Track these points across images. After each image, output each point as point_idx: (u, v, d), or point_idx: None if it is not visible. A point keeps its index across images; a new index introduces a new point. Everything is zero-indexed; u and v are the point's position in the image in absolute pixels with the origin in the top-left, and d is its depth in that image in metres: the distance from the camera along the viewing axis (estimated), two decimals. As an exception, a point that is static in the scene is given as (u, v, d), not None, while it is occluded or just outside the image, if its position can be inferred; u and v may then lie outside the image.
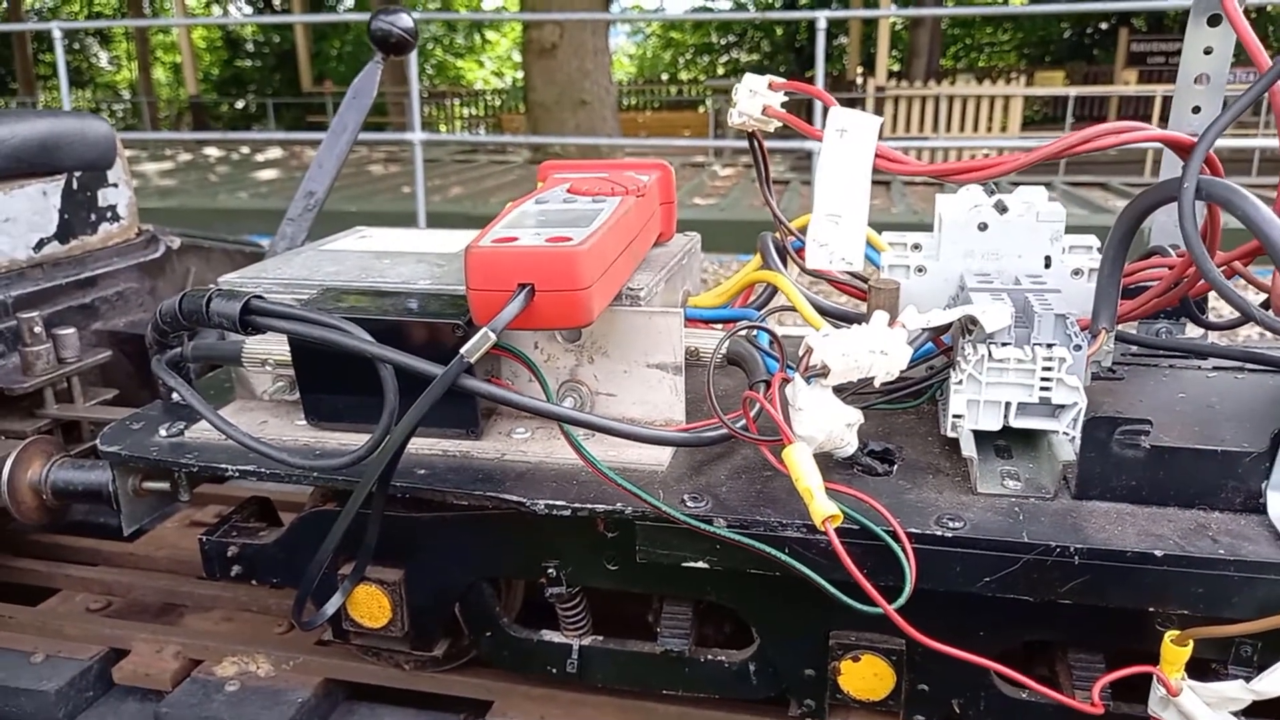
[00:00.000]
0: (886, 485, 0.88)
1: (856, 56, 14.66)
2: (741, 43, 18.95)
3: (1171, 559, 0.75)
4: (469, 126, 16.82)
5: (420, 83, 15.75)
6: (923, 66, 14.36)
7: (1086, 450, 0.82)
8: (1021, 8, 8.91)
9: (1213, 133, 0.81)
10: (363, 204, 7.71)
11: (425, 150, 10.90)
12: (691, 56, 19.93)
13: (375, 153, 11.68)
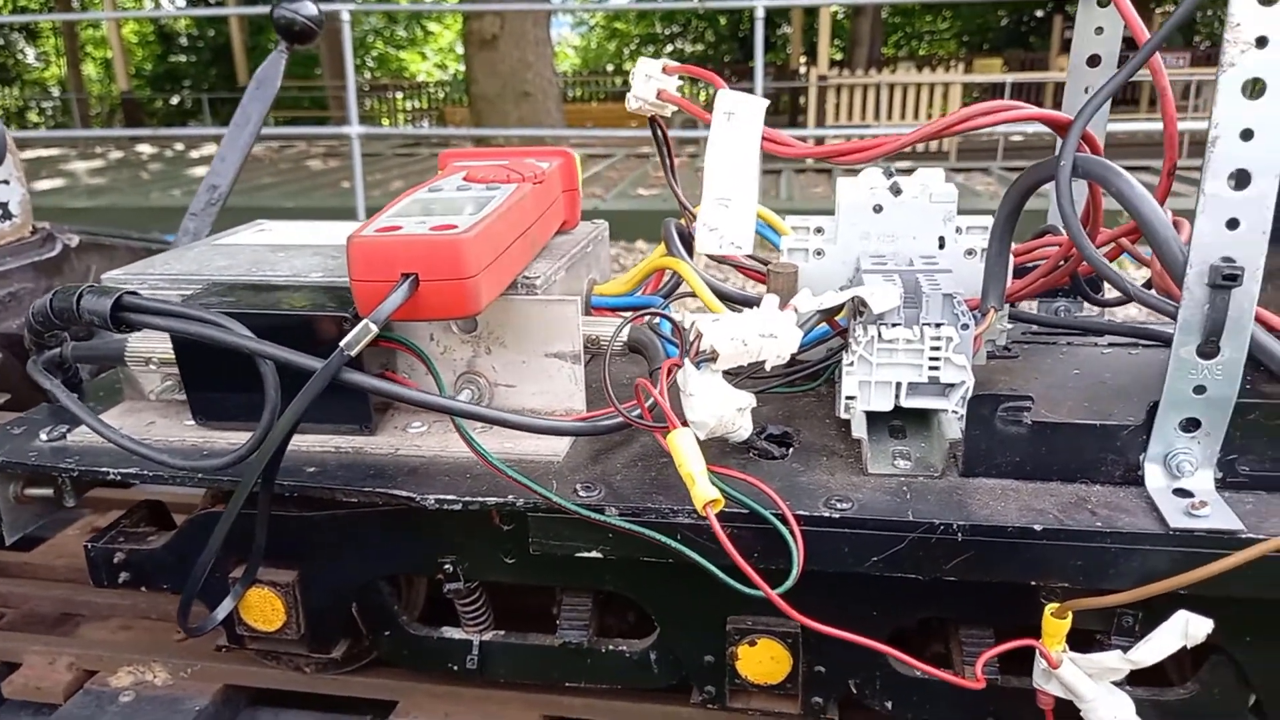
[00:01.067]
0: (781, 468, 0.88)
1: (799, 45, 14.75)
2: (686, 33, 18.96)
3: (1051, 533, 0.76)
4: (412, 119, 16.59)
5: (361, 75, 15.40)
6: (864, 55, 14.51)
7: (971, 428, 0.83)
8: None
9: (1088, 111, 0.82)
10: (301, 200, 7.56)
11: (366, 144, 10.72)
12: (636, 47, 19.88)
13: (314, 147, 11.45)
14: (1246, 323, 0.74)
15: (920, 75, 12.17)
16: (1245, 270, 0.72)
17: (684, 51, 19.82)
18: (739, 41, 17.40)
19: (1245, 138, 0.71)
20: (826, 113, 11.55)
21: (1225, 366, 0.75)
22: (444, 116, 14.71)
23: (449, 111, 14.50)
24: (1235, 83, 0.70)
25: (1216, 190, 0.72)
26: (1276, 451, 0.79)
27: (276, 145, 11.72)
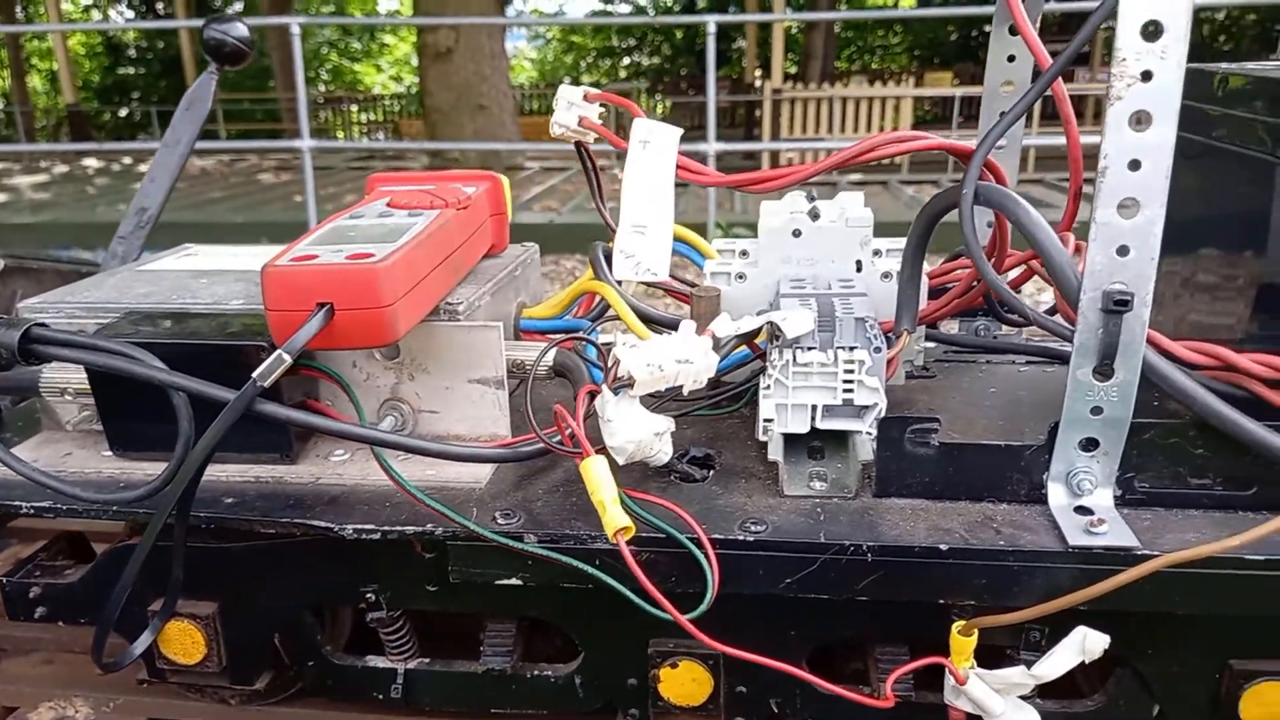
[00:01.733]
0: (700, 491, 0.89)
1: (753, 59, 14.90)
2: (642, 46, 19.07)
3: (956, 552, 0.78)
4: (367, 132, 16.47)
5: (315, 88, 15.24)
6: (818, 69, 14.70)
7: (882, 449, 0.85)
8: (910, 10, 9.23)
9: (989, 141, 0.84)
10: (251, 214, 7.47)
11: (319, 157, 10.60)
12: (593, 60, 19.95)
13: (266, 160, 11.31)
14: (1139, 346, 0.76)
15: (872, 89, 12.37)
16: (1136, 295, 0.75)
17: (641, 64, 19.93)
18: (695, 55, 17.55)
19: (1133, 168, 0.74)
20: (781, 126, 11.68)
21: (1120, 388, 0.78)
22: (399, 129, 14.62)
23: (404, 124, 14.42)
24: (1123, 115, 0.73)
25: (1107, 218, 0.75)
26: (1171, 469, 0.81)
27: (227, 159, 11.56)
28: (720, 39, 6.93)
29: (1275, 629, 0.81)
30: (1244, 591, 0.75)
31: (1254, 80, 0.93)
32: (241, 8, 20.11)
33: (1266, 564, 0.75)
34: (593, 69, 19.98)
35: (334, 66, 20.85)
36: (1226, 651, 0.83)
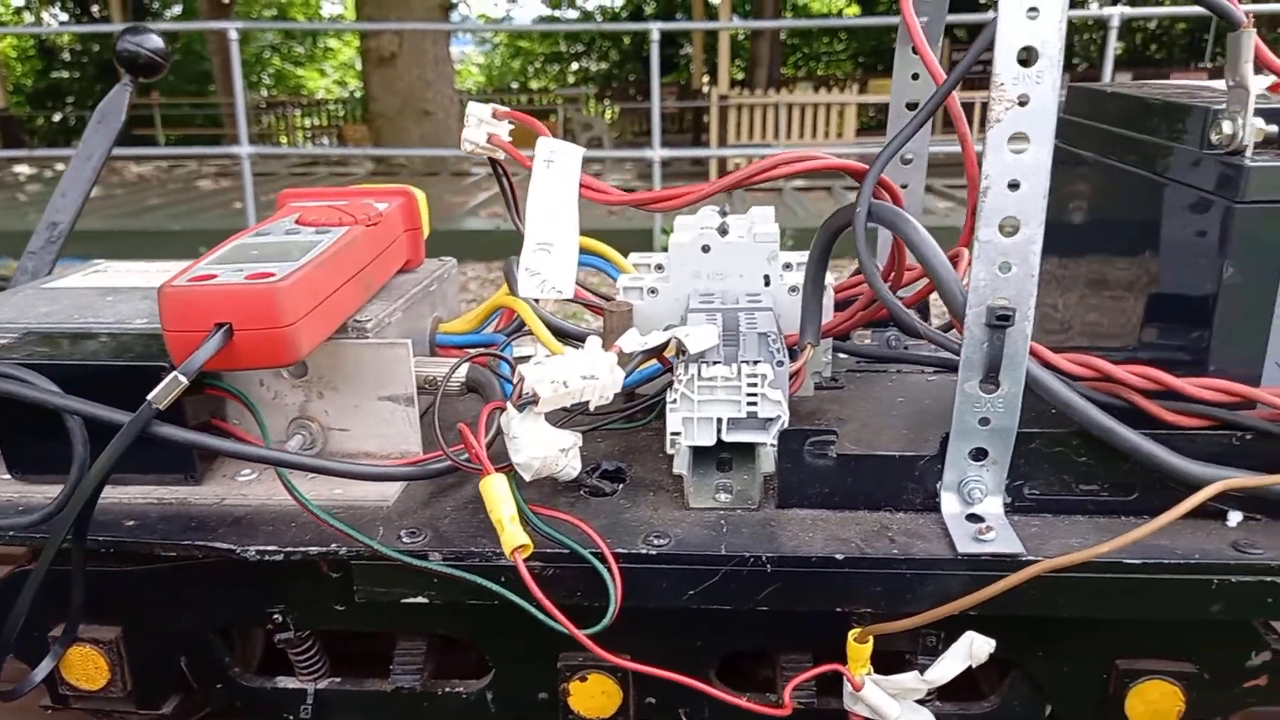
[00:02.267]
0: (609, 505, 0.90)
1: (700, 65, 15.01)
2: (590, 51, 19.11)
3: (852, 561, 0.80)
4: (312, 137, 16.24)
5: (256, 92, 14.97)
6: (765, 75, 14.86)
7: (783, 462, 0.86)
8: (854, 19, 9.37)
9: (881, 160, 0.87)
10: (188, 222, 7.33)
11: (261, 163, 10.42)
12: (542, 65, 19.91)
13: (206, 167, 11.09)
14: (1022, 359, 0.79)
15: (817, 95, 12.53)
16: (1018, 311, 0.78)
17: (589, 70, 19.94)
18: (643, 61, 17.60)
19: (1013, 188, 0.76)
20: (729, 131, 11.78)
21: (1005, 400, 0.80)
22: (343, 134, 14.44)
23: (348, 129, 14.25)
24: (1002, 138, 0.76)
25: (989, 237, 0.77)
26: (1057, 477, 0.84)
27: (166, 165, 11.31)
28: (667, 45, 6.99)
29: (1156, 629, 0.85)
30: (1123, 594, 0.78)
31: (1135, 101, 0.97)
32: (180, 10, 19.69)
33: (1143, 567, 0.78)
34: (540, 74, 19.95)
35: (277, 71, 20.51)
36: (1112, 652, 0.86)
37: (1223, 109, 0.80)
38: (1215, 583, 0.77)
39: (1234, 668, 0.84)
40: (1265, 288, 0.79)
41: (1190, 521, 0.83)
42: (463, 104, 5.41)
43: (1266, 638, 0.84)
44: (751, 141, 11.53)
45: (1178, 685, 0.84)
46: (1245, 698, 0.85)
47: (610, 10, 18.40)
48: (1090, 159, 1.05)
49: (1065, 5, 0.74)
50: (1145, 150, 0.93)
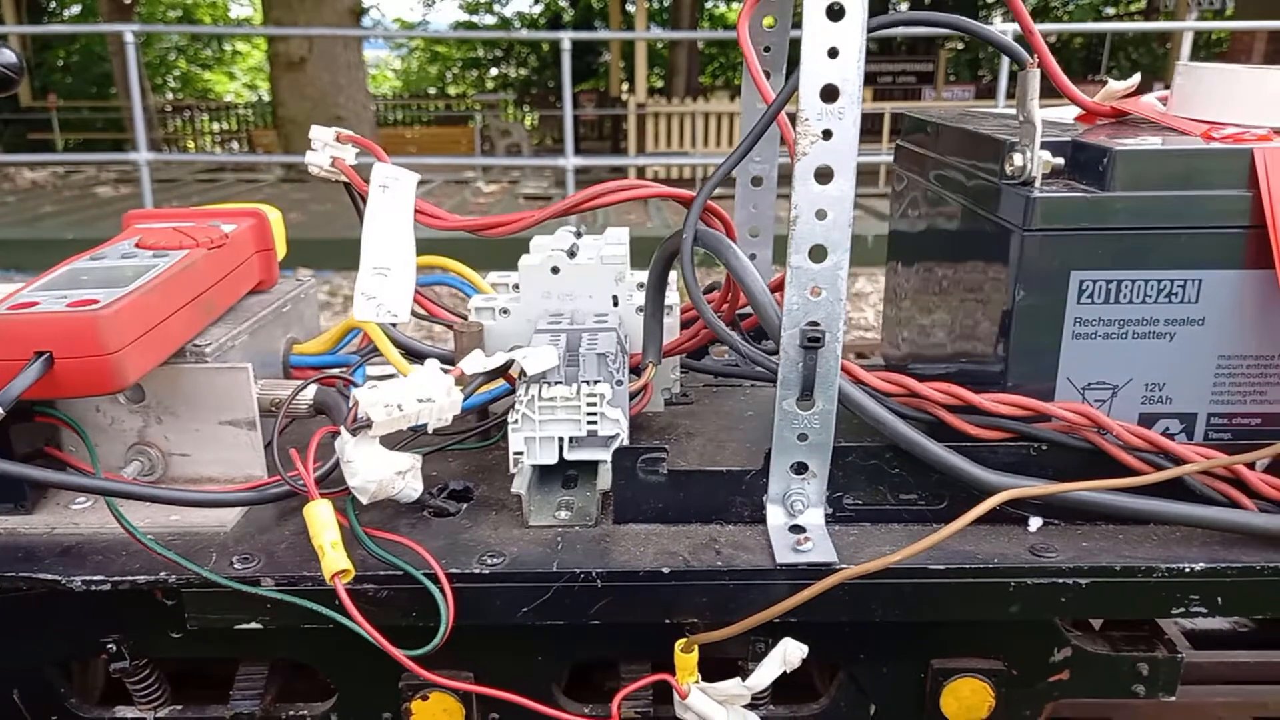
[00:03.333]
0: (450, 525, 0.91)
1: (618, 72, 15.09)
2: (509, 57, 19.04)
3: (678, 574, 0.83)
4: (221, 142, 15.77)
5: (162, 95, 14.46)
6: (683, 84, 15.01)
7: (617, 479, 0.89)
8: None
9: (707, 189, 0.90)
10: (84, 231, 7.05)
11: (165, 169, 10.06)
12: (459, 71, 19.73)
13: (106, 173, 10.67)
14: (833, 378, 0.83)
15: (733, 104, 12.70)
16: (828, 332, 0.82)
17: (509, 75, 19.85)
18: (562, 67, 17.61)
19: (820, 217, 0.81)
20: (647, 139, 11.87)
21: (820, 416, 0.85)
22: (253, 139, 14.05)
23: (257, 134, 13.88)
24: (808, 170, 0.80)
25: (800, 263, 0.81)
26: (873, 488, 0.89)
27: (63, 171, 10.84)
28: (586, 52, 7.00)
29: (966, 630, 0.90)
30: (929, 598, 0.83)
31: (952, 130, 1.03)
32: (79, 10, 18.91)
33: (946, 572, 0.83)
34: (459, 80, 19.77)
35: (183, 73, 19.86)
36: (927, 652, 0.91)
37: (1019, 141, 0.86)
38: (1013, 585, 0.83)
39: (1039, 664, 0.90)
40: (1053, 310, 0.85)
41: (994, 527, 0.89)
42: (378, 109, 5.32)
43: (1067, 634, 0.90)
44: (669, 149, 11.65)
45: (988, 682, 0.89)
46: (1051, 691, 0.91)
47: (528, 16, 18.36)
48: (922, 184, 1.11)
49: (863, 46, 0.79)
50: (958, 179, 0.99)
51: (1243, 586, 0.82)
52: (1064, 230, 0.83)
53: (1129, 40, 16.62)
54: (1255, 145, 0.81)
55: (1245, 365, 0.86)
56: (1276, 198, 0.80)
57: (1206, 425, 0.88)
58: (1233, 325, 0.84)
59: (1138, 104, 1.00)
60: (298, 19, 9.65)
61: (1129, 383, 0.87)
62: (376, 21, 17.40)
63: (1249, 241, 0.82)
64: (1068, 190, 0.84)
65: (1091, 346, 0.86)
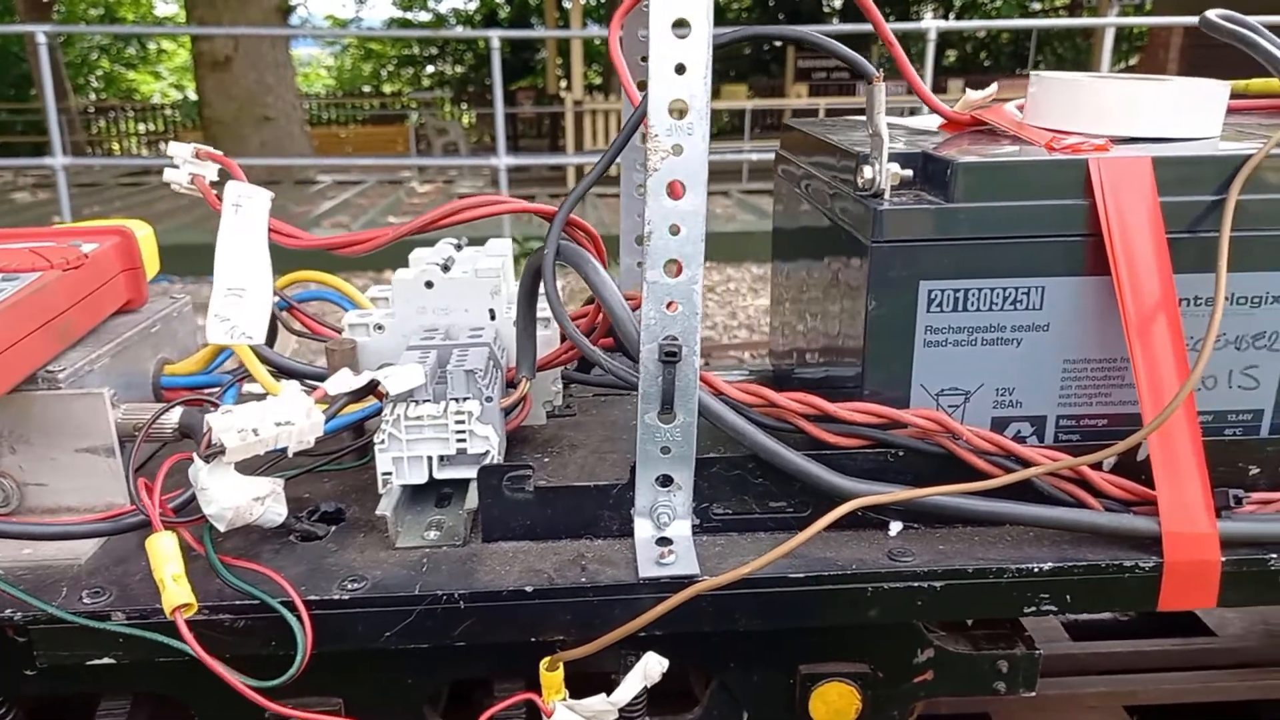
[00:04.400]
0: (316, 549, 0.90)
1: (555, 70, 15.02)
2: (444, 55, 18.81)
3: (541, 592, 0.83)
4: (147, 144, 15.32)
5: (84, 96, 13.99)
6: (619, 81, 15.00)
7: (484, 497, 0.89)
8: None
9: (569, 203, 0.90)
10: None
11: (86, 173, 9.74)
12: (395, 69, 19.45)
13: (22, 178, 10.29)
14: (693, 391, 0.84)
15: (670, 101, 12.70)
16: (685, 346, 0.82)
17: (445, 73, 19.62)
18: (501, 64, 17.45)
19: (674, 232, 0.81)
20: (585, 137, 11.83)
21: (682, 429, 0.85)
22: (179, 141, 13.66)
23: (184, 136, 13.50)
24: (660, 185, 0.80)
25: (656, 278, 0.82)
26: (738, 498, 0.90)
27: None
28: (523, 49, 6.94)
29: (832, 635, 0.91)
30: (790, 606, 0.84)
31: (817, 142, 1.05)
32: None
33: (806, 580, 0.84)
34: (394, 78, 19.48)
35: (107, 73, 19.23)
36: (795, 658, 0.92)
37: (869, 153, 0.87)
38: (870, 590, 0.84)
39: (903, 665, 0.92)
40: (904, 319, 0.86)
41: (857, 533, 0.91)
42: (311, 109, 5.20)
43: (930, 636, 0.92)
44: (608, 147, 11.61)
45: (854, 685, 0.91)
46: (916, 692, 0.93)
47: (463, 14, 18.16)
48: (795, 193, 1.12)
49: (709, 62, 0.80)
50: (821, 189, 1.00)
51: (1089, 584, 0.85)
52: (911, 241, 0.84)
53: (1054, 36, 17.06)
54: (1090, 155, 0.84)
55: (1089, 368, 0.88)
56: (1110, 207, 0.82)
57: (1056, 427, 0.91)
58: (1075, 330, 0.87)
59: (998, 113, 1.03)
60: (222, 18, 9.43)
61: (980, 388, 0.89)
62: (305, 20, 17.06)
63: (1088, 249, 0.85)
64: (916, 202, 0.85)
65: (943, 354, 0.88)
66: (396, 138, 14.58)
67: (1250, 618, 1.29)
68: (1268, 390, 0.89)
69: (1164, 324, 0.83)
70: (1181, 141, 0.91)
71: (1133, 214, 0.83)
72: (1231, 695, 1.13)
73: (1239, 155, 0.84)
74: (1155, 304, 0.83)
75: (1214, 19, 0.99)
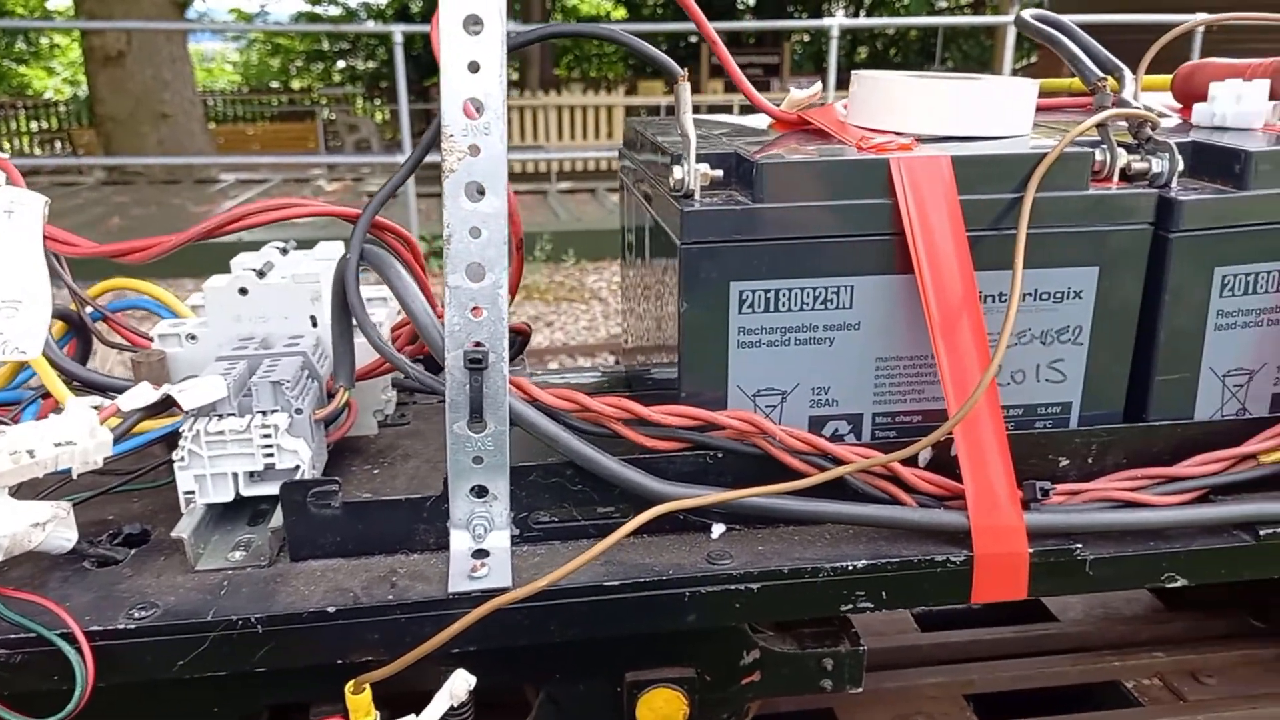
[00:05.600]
0: (108, 576, 0.85)
1: (469, 67, 14.77)
2: (356, 50, 18.35)
3: (345, 613, 0.80)
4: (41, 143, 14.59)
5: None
6: (536, 76, 14.87)
7: (288, 515, 0.85)
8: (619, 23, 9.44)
9: (372, 208, 0.87)
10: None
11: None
12: (304, 64, 18.89)
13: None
14: (502, 398, 0.82)
15: (586, 97, 12.69)
16: (492, 353, 0.80)
17: (356, 69, 19.17)
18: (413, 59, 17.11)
19: (474, 235, 0.79)
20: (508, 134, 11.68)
21: (494, 438, 0.83)
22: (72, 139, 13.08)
23: (77, 133, 12.92)
24: (458, 187, 0.78)
25: (458, 283, 0.79)
26: (558, 506, 0.88)
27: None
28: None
29: (657, 640, 0.90)
30: (608, 614, 0.83)
31: (645, 141, 1.03)
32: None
33: (622, 588, 0.83)
34: (304, 73, 18.93)
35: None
36: (622, 666, 0.91)
37: (681, 154, 0.86)
38: (688, 595, 0.83)
39: (730, 668, 0.92)
40: (717, 320, 0.86)
41: (680, 536, 0.89)
42: (215, 105, 4.99)
43: (755, 637, 0.92)
44: (524, 144, 11.51)
45: (680, 690, 0.90)
46: (745, 694, 0.93)
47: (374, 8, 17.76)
48: (632, 194, 1.11)
49: (504, 60, 0.77)
50: (647, 190, 0.99)
51: (903, 579, 0.85)
52: (720, 242, 0.83)
53: (960, 33, 17.54)
54: (892, 155, 0.84)
55: (902, 366, 0.89)
56: (911, 205, 0.83)
57: (873, 425, 0.91)
58: (886, 329, 0.87)
59: (825, 113, 1.03)
60: (113, 12, 9.02)
61: (797, 388, 0.89)
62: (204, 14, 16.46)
63: (895, 248, 0.85)
64: (725, 203, 0.85)
65: (757, 354, 0.87)
66: (306, 135, 14.19)
67: (1089, 602, 1.33)
68: (1074, 383, 0.91)
69: (966, 320, 0.84)
70: (991, 140, 0.93)
71: (933, 212, 0.83)
72: (1066, 680, 1.16)
73: (1038, 153, 0.85)
74: (958, 301, 0.84)
75: (1026, 18, 1.01)
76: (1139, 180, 0.89)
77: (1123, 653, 1.20)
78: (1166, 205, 0.87)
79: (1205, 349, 0.90)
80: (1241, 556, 0.88)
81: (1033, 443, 0.89)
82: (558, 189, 9.29)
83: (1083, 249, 0.87)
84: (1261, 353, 0.92)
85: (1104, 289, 0.88)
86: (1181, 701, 1.13)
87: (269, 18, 19.21)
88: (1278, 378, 0.93)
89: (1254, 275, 0.89)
